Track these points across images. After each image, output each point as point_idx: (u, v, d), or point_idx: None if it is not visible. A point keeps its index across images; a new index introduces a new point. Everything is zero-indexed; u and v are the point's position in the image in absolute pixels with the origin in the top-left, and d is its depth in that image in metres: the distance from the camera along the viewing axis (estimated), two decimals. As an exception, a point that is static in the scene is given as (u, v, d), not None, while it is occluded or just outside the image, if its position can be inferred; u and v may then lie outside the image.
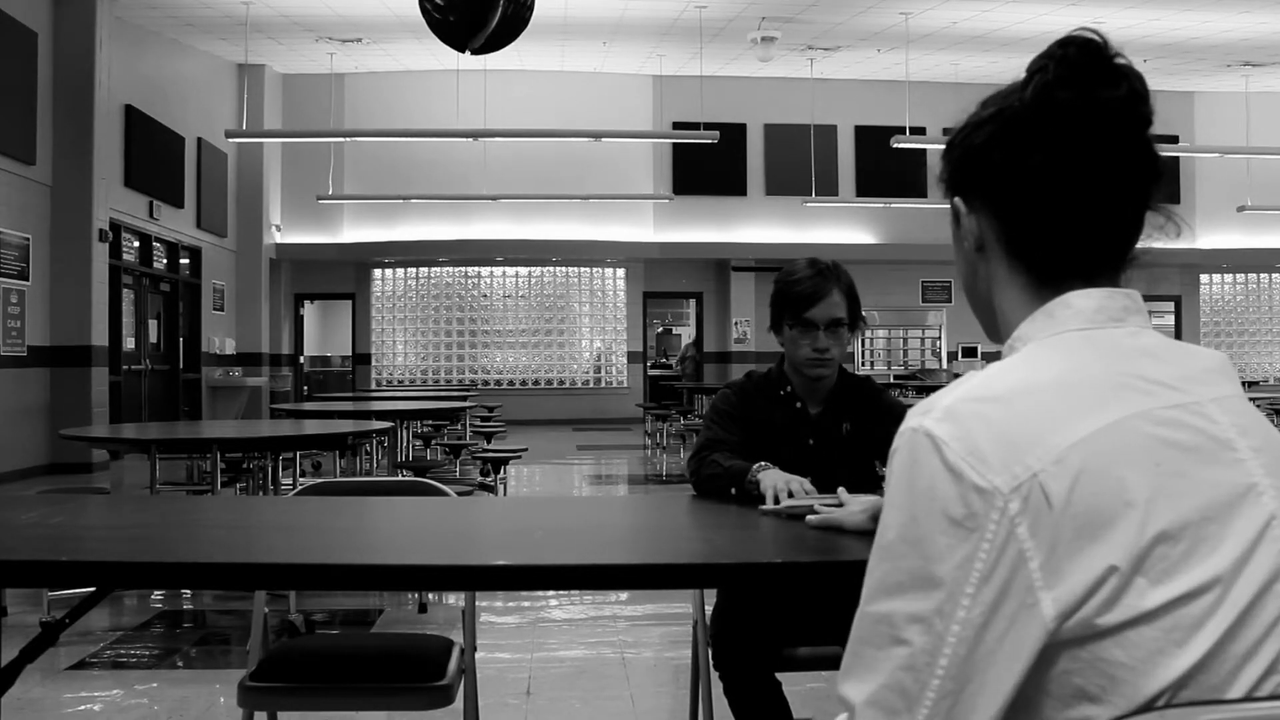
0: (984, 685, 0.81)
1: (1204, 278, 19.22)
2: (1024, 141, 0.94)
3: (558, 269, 17.94)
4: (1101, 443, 0.83)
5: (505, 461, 7.28)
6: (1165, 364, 0.90)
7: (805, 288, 2.46)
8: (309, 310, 18.66)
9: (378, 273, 17.85)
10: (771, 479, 2.11)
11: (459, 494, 2.45)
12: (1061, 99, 0.93)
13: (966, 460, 0.82)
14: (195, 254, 14.53)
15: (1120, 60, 0.93)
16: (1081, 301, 0.94)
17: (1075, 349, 0.91)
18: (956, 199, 1.02)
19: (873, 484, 2.21)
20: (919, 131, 15.53)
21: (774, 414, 2.53)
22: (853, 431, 2.52)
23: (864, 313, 2.59)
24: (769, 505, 2.05)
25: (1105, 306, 0.94)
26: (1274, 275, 19.40)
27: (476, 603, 2.48)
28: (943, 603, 0.81)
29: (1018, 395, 0.86)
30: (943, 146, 1.07)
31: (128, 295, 12.54)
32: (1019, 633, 0.80)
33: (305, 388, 17.74)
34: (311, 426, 5.91)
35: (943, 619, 0.81)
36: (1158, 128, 0.96)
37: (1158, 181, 0.96)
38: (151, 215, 12.93)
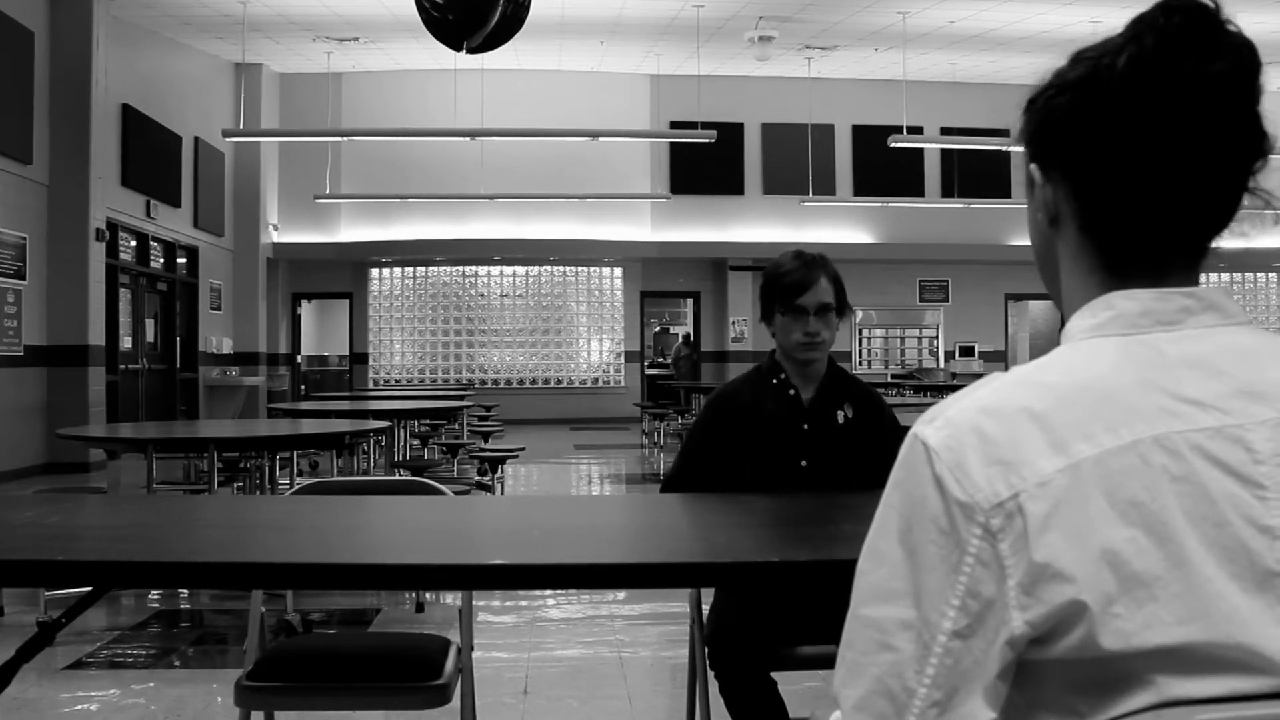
0: (970, 695, 0.80)
1: (1201, 278, 19.17)
2: (1111, 116, 0.85)
3: (555, 268, 17.94)
4: (1093, 470, 0.78)
5: (503, 461, 7.28)
6: (1216, 378, 0.82)
7: (794, 277, 2.56)
8: (306, 310, 18.66)
9: (375, 272, 17.84)
10: None
11: (456, 493, 2.45)
12: (1158, 75, 0.84)
13: (952, 473, 0.81)
14: (192, 253, 14.52)
15: (1231, 28, 0.85)
16: (1124, 303, 0.87)
17: (1105, 357, 0.85)
18: (1033, 166, 0.93)
19: (871, 473, 2.21)
20: (916, 131, 15.55)
21: (767, 404, 2.56)
22: (851, 421, 2.55)
23: (861, 311, 2.65)
24: None
25: (1153, 309, 0.86)
26: (1271, 274, 19.43)
27: (474, 602, 2.48)
28: (930, 612, 0.80)
29: (1020, 411, 0.81)
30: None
31: (125, 295, 12.53)
32: (1000, 647, 0.79)
33: (302, 387, 17.74)
34: (308, 426, 5.90)
35: (929, 628, 0.80)
36: None
37: (1260, 160, 0.87)
38: (149, 214, 12.92)
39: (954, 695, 0.80)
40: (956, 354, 17.90)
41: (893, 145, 13.69)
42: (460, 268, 17.84)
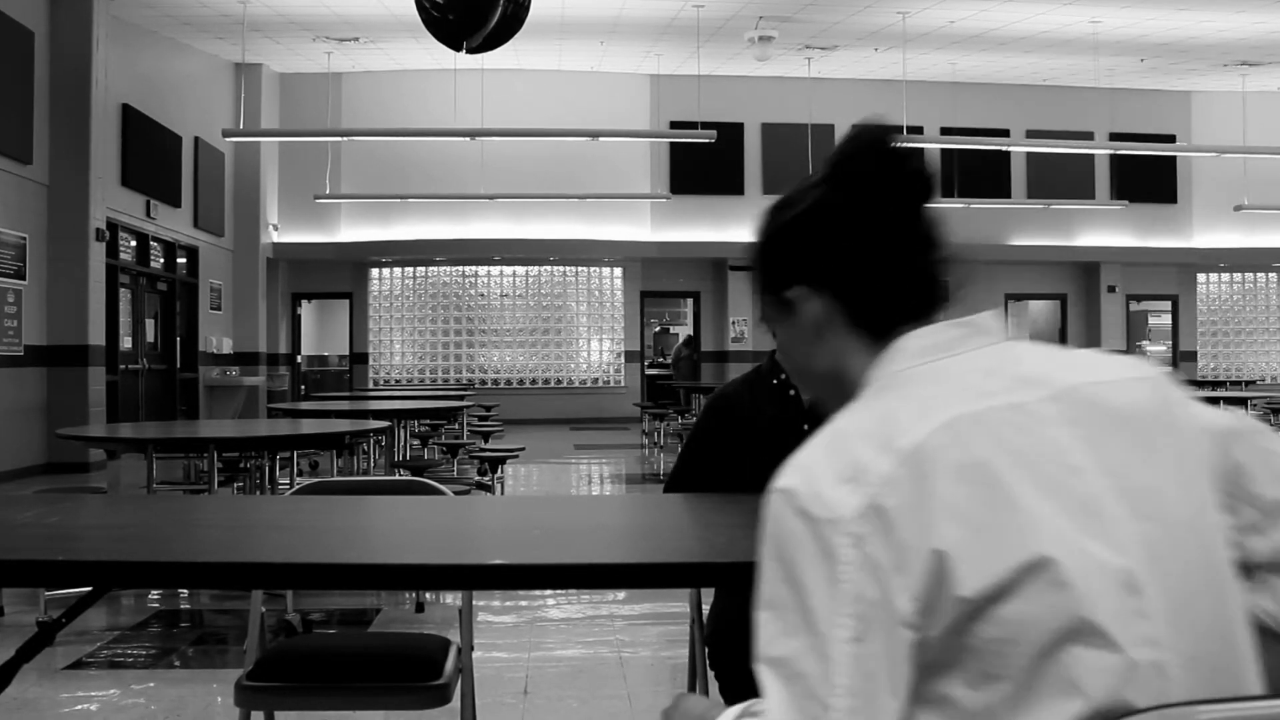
0: (880, 692, 0.88)
1: (1200, 277, 19.23)
2: (851, 227, 1.10)
3: (555, 268, 17.94)
4: (922, 451, 0.92)
5: (503, 461, 7.28)
6: (995, 376, 1.00)
7: None
8: (306, 309, 18.65)
9: (375, 272, 17.84)
10: None
11: (456, 493, 2.44)
12: (872, 187, 1.10)
13: (813, 502, 0.92)
14: (192, 253, 14.52)
15: (903, 145, 1.12)
16: (910, 343, 1.06)
17: (904, 384, 1.02)
18: (797, 289, 1.13)
19: None
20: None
21: (766, 406, 2.55)
22: None
23: None
24: None
25: (936, 343, 1.05)
26: (1270, 274, 19.42)
27: (474, 602, 2.48)
28: (826, 628, 0.89)
29: (851, 436, 0.96)
30: (754, 247, 1.22)
31: (125, 295, 12.52)
32: (894, 637, 0.89)
33: (302, 387, 17.73)
34: (308, 426, 5.90)
35: (828, 643, 0.89)
36: (1156, 126, 1.01)
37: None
38: (149, 214, 12.92)
39: (870, 699, 0.88)
40: (956, 354, 17.88)
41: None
42: (460, 268, 17.84)
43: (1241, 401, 12.05)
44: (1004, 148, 15.97)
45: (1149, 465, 0.97)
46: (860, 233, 1.10)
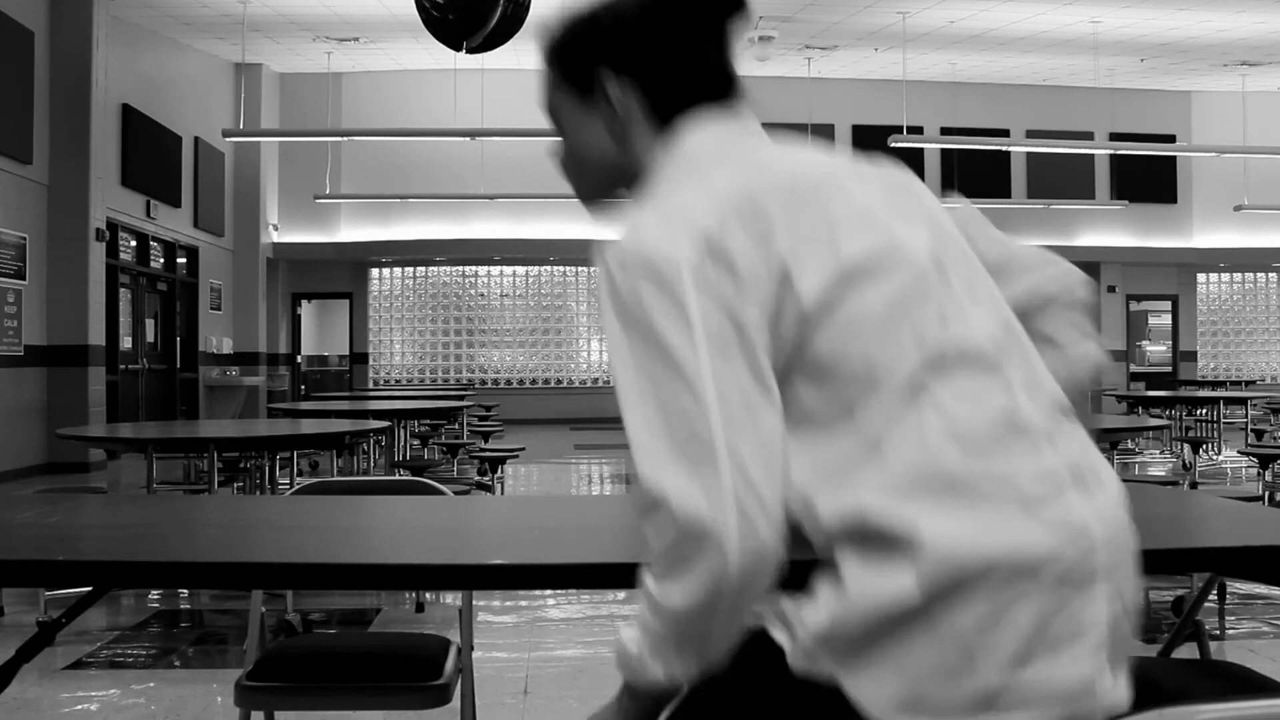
0: (754, 405, 0.97)
1: (1200, 277, 19.23)
2: (664, 24, 1.19)
3: (555, 268, 17.94)
4: (738, 187, 1.05)
5: (503, 461, 7.27)
6: (783, 155, 1.16)
7: None
8: (306, 309, 18.65)
9: (375, 272, 17.84)
10: None
11: (456, 493, 2.44)
12: None
13: (649, 250, 1.01)
14: (192, 253, 14.52)
15: None
16: (703, 126, 1.17)
17: (698, 155, 1.14)
18: (602, 71, 1.19)
19: None
20: (916, 131, 15.54)
21: None
22: None
23: None
24: None
25: (726, 129, 1.17)
26: (1270, 274, 19.42)
27: (474, 602, 2.48)
28: (686, 361, 0.97)
29: (665, 197, 1.09)
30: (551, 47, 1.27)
31: (125, 295, 12.53)
32: (753, 355, 0.98)
33: (302, 387, 17.73)
34: (309, 426, 5.90)
35: (694, 367, 0.96)
36: (1156, 126, 1.02)
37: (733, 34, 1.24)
38: (149, 214, 12.92)
39: (746, 414, 0.96)
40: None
41: (893, 145, 13.67)
42: (460, 268, 17.84)
43: (1241, 401, 12.06)
44: (1004, 148, 15.97)
45: (914, 204, 1.15)
46: (672, 30, 1.19)
